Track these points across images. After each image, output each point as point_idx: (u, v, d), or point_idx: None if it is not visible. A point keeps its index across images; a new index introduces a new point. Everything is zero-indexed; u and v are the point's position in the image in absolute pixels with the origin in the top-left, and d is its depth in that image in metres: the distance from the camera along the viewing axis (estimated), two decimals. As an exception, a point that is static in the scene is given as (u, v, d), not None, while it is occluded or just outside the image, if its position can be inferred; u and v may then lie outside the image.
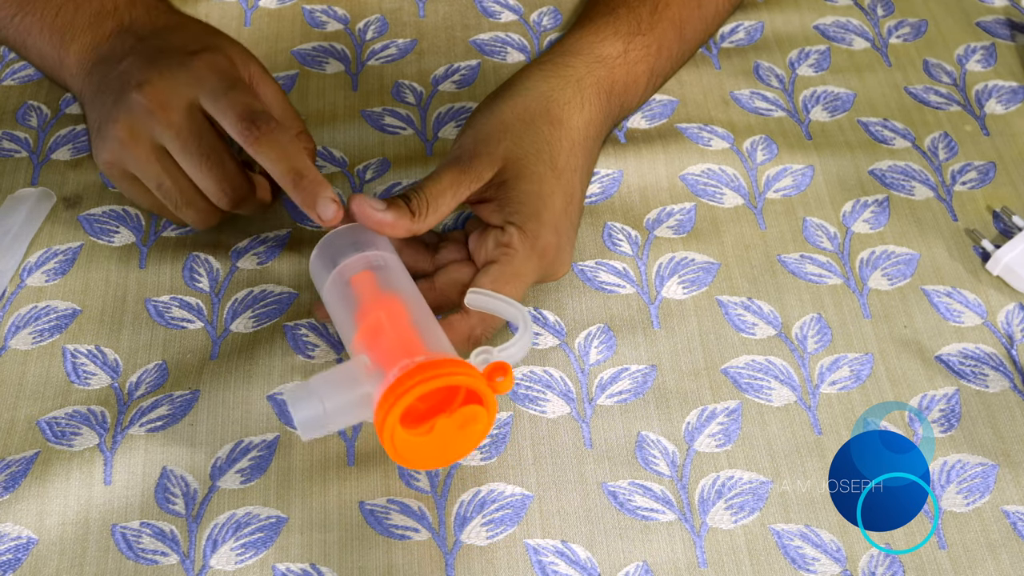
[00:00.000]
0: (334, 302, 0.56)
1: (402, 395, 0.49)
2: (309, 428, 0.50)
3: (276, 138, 0.57)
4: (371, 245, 0.57)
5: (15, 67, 0.76)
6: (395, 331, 0.52)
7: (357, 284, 0.55)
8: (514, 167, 0.61)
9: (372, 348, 0.52)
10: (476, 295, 0.57)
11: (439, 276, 0.61)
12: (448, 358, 0.51)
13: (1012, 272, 0.66)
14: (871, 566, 0.55)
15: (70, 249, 0.66)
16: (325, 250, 0.57)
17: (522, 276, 0.60)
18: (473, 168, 0.60)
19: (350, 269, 0.56)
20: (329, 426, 0.51)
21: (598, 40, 0.68)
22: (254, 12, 0.80)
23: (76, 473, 0.56)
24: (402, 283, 0.56)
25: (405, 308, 0.54)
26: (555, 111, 0.63)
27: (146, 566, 0.54)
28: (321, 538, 0.55)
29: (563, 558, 0.55)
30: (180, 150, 0.59)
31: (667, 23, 0.71)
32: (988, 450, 0.59)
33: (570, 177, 0.63)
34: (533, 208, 0.60)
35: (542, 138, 0.62)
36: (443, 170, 0.60)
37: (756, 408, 0.61)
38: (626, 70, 0.68)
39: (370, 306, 0.54)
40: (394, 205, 0.58)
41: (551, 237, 0.60)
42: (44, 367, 0.61)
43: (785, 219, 0.69)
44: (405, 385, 0.49)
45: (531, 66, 0.67)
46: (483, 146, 0.61)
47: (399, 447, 0.50)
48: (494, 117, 0.63)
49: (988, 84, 0.78)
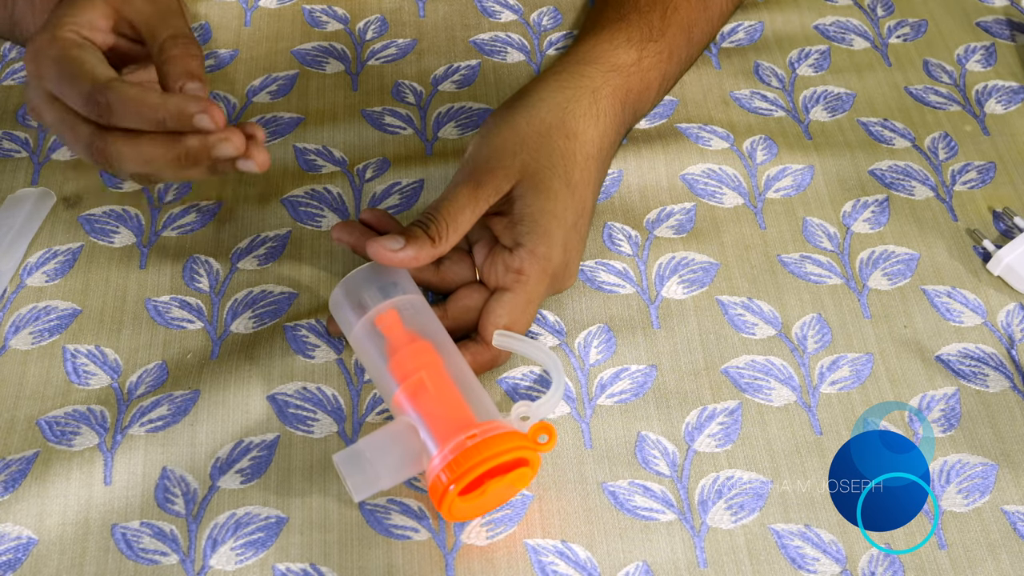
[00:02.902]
0: (365, 349, 0.57)
1: (462, 476, 0.52)
2: (361, 491, 0.53)
3: (119, 106, 0.53)
4: (395, 285, 0.58)
5: (15, 67, 0.76)
6: (439, 392, 0.55)
7: (388, 331, 0.57)
8: (530, 181, 0.60)
9: (418, 409, 0.54)
10: (504, 338, 0.59)
11: (451, 303, 0.61)
12: (501, 432, 0.53)
13: (1013, 272, 0.66)
14: (871, 566, 0.55)
15: (70, 250, 0.66)
16: (350, 290, 0.58)
17: (535, 300, 0.60)
18: (489, 182, 0.59)
19: (378, 314, 0.57)
20: (380, 485, 0.54)
21: (612, 48, 0.67)
22: (254, 12, 0.80)
23: (76, 473, 0.56)
24: (432, 327, 0.57)
25: (443, 362, 0.56)
26: (571, 123, 0.63)
27: (146, 566, 0.54)
28: (321, 538, 0.55)
29: (563, 558, 0.55)
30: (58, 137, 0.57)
31: (676, 27, 0.71)
32: (988, 450, 0.59)
33: (583, 192, 0.62)
34: (544, 228, 0.60)
35: (557, 152, 0.62)
36: (459, 187, 0.59)
37: (756, 408, 0.61)
38: (640, 77, 0.68)
39: (407, 359, 0.56)
40: (412, 237, 0.57)
41: (560, 256, 0.60)
42: (44, 367, 0.61)
43: (785, 219, 0.69)
44: (464, 466, 0.52)
45: (546, 75, 0.66)
46: (499, 159, 0.60)
47: (454, 511, 0.54)
48: (509, 129, 0.62)
49: (988, 84, 0.78)
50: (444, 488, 0.52)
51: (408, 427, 0.54)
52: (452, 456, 0.52)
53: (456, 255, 0.63)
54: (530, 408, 0.55)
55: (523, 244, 0.59)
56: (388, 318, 0.57)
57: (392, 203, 0.69)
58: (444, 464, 0.52)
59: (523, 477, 0.55)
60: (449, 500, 0.52)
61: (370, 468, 0.53)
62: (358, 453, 0.53)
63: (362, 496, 0.53)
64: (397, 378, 0.55)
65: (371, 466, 0.53)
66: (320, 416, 0.59)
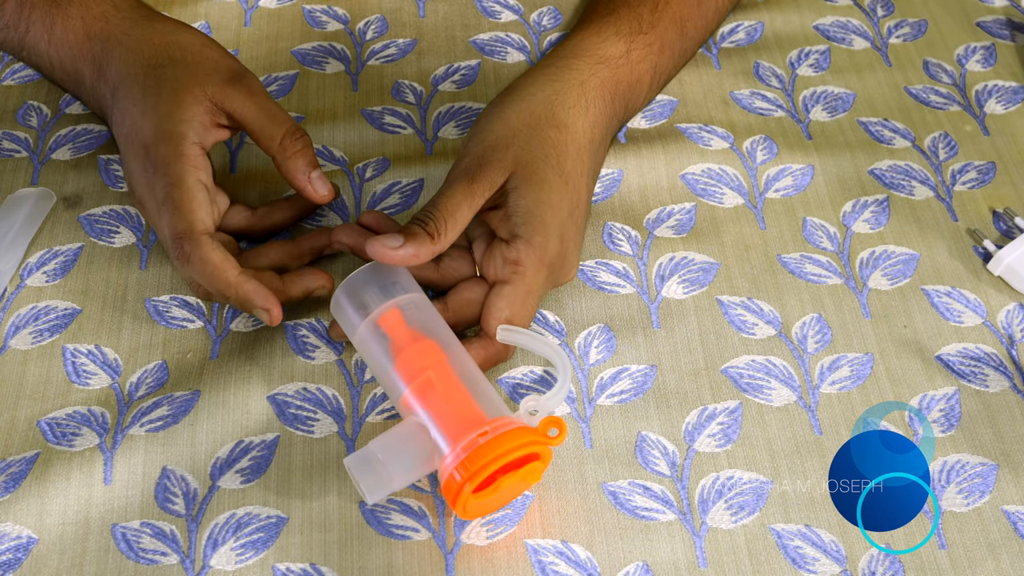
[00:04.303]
0: (370, 350, 0.57)
1: (476, 473, 0.52)
2: (375, 492, 0.53)
3: (197, 265, 0.58)
4: (396, 284, 0.58)
5: (15, 67, 0.76)
6: (447, 391, 0.55)
7: (392, 331, 0.57)
8: (523, 172, 0.60)
9: (428, 408, 0.54)
10: (508, 332, 0.59)
11: (451, 297, 0.61)
12: (512, 428, 0.53)
13: (1014, 272, 0.66)
14: (871, 566, 0.55)
15: (70, 250, 0.66)
16: (351, 292, 0.58)
17: (534, 291, 0.60)
18: (484, 176, 0.60)
19: (381, 315, 0.57)
20: (393, 487, 0.54)
21: (600, 41, 0.68)
22: (254, 12, 0.80)
23: (76, 473, 0.56)
24: (435, 324, 0.58)
25: (447, 359, 0.56)
26: (560, 115, 0.63)
27: (146, 566, 0.54)
28: (321, 538, 0.55)
29: (563, 558, 0.55)
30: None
31: (668, 21, 0.71)
32: (988, 450, 0.59)
33: (576, 181, 0.62)
34: (540, 218, 0.60)
35: (549, 143, 0.62)
36: (454, 183, 0.60)
37: (756, 408, 0.61)
38: (629, 70, 0.68)
39: (412, 359, 0.56)
40: (411, 235, 0.57)
41: (557, 246, 0.60)
42: (44, 367, 0.61)
43: (785, 219, 0.69)
44: (478, 464, 0.52)
45: (534, 70, 0.67)
46: (492, 153, 0.61)
47: (468, 509, 0.54)
48: (500, 123, 0.62)
49: (988, 84, 0.78)
50: (459, 486, 0.52)
51: (418, 427, 0.54)
52: (465, 454, 0.52)
53: (456, 252, 0.63)
54: (538, 403, 0.56)
55: (519, 235, 0.59)
56: (391, 318, 0.57)
57: (392, 202, 0.69)
58: (457, 462, 0.52)
59: (534, 471, 0.55)
60: (464, 498, 0.52)
61: (383, 470, 0.53)
62: (370, 455, 0.53)
63: (375, 498, 0.53)
64: (404, 378, 0.55)
65: (384, 468, 0.53)
66: (320, 416, 0.59)
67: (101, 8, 0.67)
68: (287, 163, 0.63)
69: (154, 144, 0.60)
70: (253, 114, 0.63)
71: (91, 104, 0.70)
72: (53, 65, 0.70)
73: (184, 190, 0.59)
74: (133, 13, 0.67)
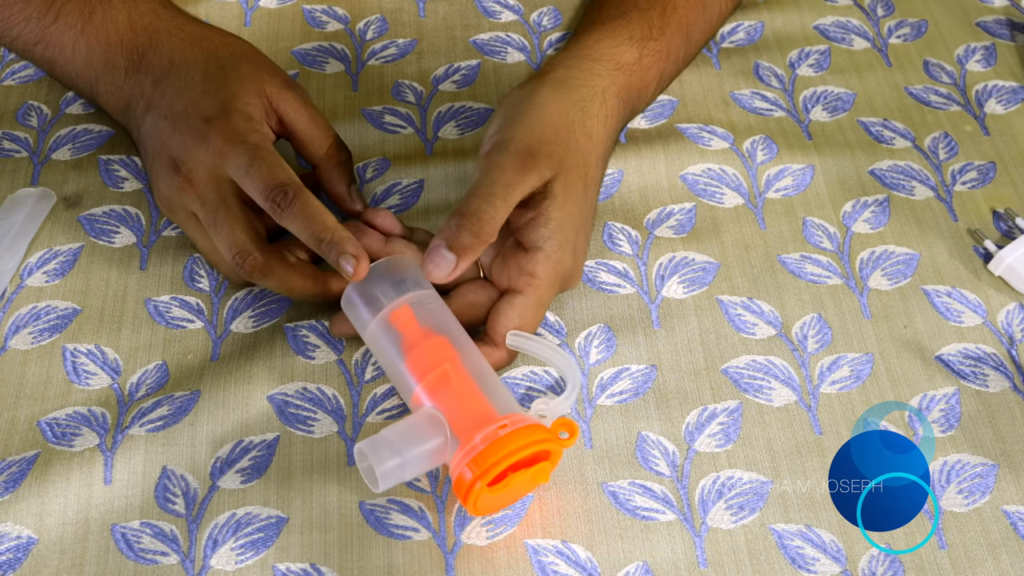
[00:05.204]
0: (381, 346, 0.57)
1: (489, 469, 0.52)
2: (388, 479, 0.53)
3: (297, 210, 0.57)
4: (408, 281, 0.58)
5: (15, 67, 0.76)
6: (459, 387, 0.55)
7: (403, 328, 0.57)
8: (563, 180, 0.60)
9: (441, 403, 0.55)
10: (518, 338, 0.59)
11: (455, 300, 0.61)
12: (530, 423, 0.53)
13: (1014, 272, 0.66)
14: (871, 566, 0.55)
15: (70, 250, 0.66)
16: (362, 288, 0.58)
17: (545, 303, 0.60)
18: (535, 168, 0.58)
19: (393, 311, 0.57)
20: (404, 476, 0.53)
21: (615, 44, 0.67)
22: (254, 12, 0.80)
23: (76, 473, 0.56)
24: (447, 321, 0.57)
25: (459, 356, 0.56)
26: (588, 122, 0.63)
27: (146, 566, 0.54)
28: (321, 538, 0.55)
29: (563, 558, 0.55)
30: (204, 220, 0.61)
31: (675, 27, 0.71)
32: (988, 450, 0.59)
33: (593, 193, 0.63)
34: (564, 234, 0.59)
35: (581, 152, 0.62)
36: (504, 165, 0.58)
37: (756, 408, 0.61)
38: (640, 76, 0.68)
39: (424, 355, 0.56)
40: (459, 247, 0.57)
41: (571, 259, 0.61)
42: (44, 367, 0.61)
43: (785, 219, 0.69)
44: (490, 460, 0.52)
45: (557, 68, 0.65)
46: (542, 146, 0.59)
47: (479, 504, 0.53)
48: (545, 117, 0.61)
49: (988, 84, 0.78)
50: (472, 480, 0.52)
51: (432, 417, 0.54)
52: (484, 445, 0.52)
53: None
54: (548, 406, 0.56)
55: (542, 248, 0.59)
56: (403, 314, 0.57)
57: (392, 203, 0.69)
58: (475, 453, 0.52)
59: (543, 472, 0.55)
60: (476, 493, 0.52)
61: (398, 456, 0.52)
62: (386, 441, 0.53)
63: (387, 485, 0.53)
64: (415, 374, 0.55)
65: (399, 454, 0.52)
66: (320, 416, 0.59)
67: (149, 5, 0.67)
68: (330, 172, 0.65)
69: (223, 116, 0.60)
70: (304, 122, 0.64)
71: (111, 97, 0.67)
72: (76, 57, 0.67)
73: (270, 151, 0.60)
74: (181, 14, 0.68)
